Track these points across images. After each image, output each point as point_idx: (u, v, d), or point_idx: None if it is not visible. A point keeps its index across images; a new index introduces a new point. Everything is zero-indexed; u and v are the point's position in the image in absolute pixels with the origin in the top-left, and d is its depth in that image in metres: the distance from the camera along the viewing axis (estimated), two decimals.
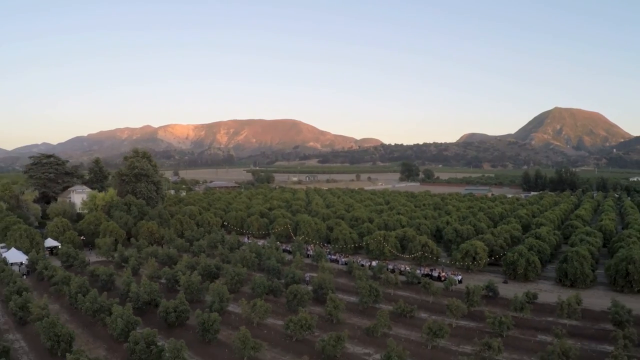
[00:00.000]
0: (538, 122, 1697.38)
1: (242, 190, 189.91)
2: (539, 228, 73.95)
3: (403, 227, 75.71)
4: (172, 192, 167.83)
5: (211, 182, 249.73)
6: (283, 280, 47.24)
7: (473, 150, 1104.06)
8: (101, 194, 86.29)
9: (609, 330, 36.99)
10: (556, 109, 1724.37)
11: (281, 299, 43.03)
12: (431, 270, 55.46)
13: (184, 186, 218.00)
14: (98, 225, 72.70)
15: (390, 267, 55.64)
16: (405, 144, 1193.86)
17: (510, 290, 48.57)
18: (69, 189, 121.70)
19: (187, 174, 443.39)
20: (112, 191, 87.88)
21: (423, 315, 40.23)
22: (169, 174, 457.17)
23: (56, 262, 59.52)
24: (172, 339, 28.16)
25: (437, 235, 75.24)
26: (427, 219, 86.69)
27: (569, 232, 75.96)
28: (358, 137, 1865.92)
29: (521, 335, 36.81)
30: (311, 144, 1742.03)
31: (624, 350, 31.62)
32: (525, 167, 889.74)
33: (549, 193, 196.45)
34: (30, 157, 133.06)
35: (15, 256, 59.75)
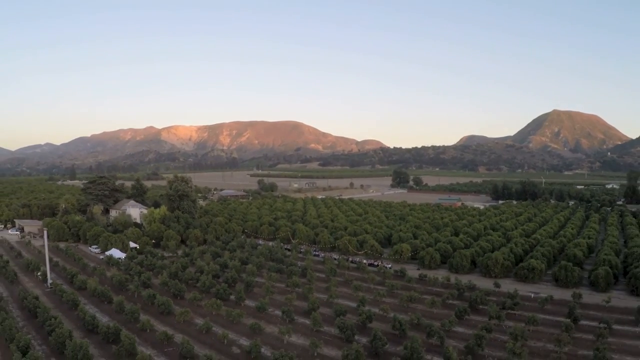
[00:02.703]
0: (537, 124, 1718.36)
1: (251, 199, 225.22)
2: (458, 235, 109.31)
3: (367, 233, 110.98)
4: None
5: (222, 190, 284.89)
6: (285, 266, 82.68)
7: (470, 154, 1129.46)
8: (157, 210, 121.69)
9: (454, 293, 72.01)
10: (554, 111, 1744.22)
11: (283, 275, 78.54)
12: (375, 261, 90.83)
13: (199, 194, 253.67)
14: (160, 232, 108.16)
15: (350, 259, 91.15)
16: (405, 146, 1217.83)
17: (420, 273, 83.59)
18: (119, 202, 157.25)
19: (195, 178, 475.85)
20: (163, 208, 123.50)
21: (359, 283, 75.37)
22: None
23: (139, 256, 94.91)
24: (237, 285, 63.65)
25: (389, 239, 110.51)
26: (388, 227, 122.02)
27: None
28: (359, 138, 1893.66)
29: (405, 293, 71.68)
30: (313, 145, 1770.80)
31: (447, 299, 66.77)
32: (519, 170, 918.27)
33: (513, 202, 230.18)
34: (87, 178, 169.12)
35: (117, 254, 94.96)
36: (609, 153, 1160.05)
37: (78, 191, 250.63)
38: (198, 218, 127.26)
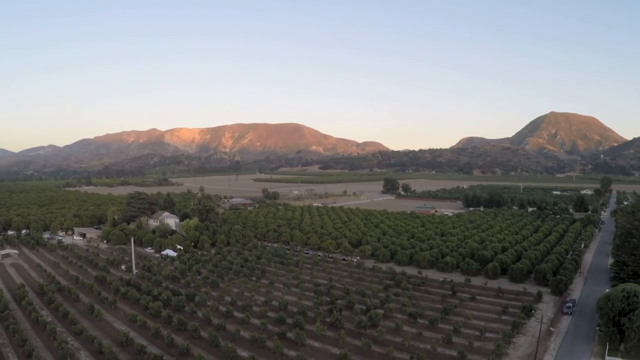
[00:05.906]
0: (534, 126, 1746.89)
1: (257, 206, 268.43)
2: (409, 239, 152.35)
3: (345, 237, 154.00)
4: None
5: (232, 197, 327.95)
6: (285, 260, 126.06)
7: (466, 157, 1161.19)
8: (191, 221, 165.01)
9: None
10: (552, 113, 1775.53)
11: (284, 265, 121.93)
12: (347, 256, 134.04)
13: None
14: (196, 237, 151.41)
15: (330, 255, 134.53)
16: (404, 148, 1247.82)
17: (373, 265, 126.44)
18: (155, 213, 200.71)
19: (202, 183, 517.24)
20: (195, 219, 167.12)
21: (331, 270, 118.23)
22: (186, 182, 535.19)
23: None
24: (255, 271, 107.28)
25: (360, 241, 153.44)
26: (362, 233, 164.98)
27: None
28: (360, 140, 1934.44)
29: (356, 276, 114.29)
30: (314, 147, 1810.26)
31: (383, 279, 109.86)
32: (513, 173, 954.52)
33: (481, 210, 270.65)
34: (128, 194, 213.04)
35: (170, 253, 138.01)
36: (602, 155, 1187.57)
37: (107, 200, 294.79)
38: (221, 226, 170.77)
